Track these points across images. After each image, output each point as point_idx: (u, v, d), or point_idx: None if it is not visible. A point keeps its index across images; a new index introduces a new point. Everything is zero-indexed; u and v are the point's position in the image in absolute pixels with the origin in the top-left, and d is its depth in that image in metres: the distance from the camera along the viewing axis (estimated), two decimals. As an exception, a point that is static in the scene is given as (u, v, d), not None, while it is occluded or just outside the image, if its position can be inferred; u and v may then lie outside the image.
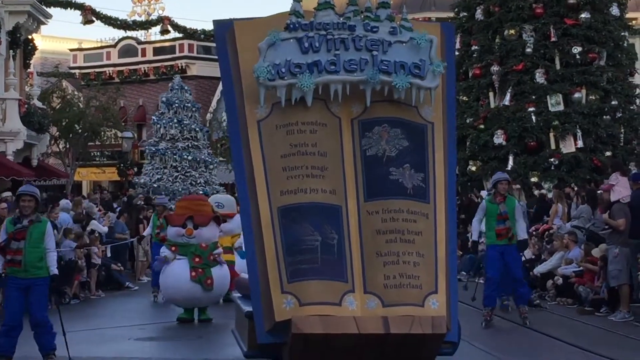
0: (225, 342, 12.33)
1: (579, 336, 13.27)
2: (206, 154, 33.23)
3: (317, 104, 9.43)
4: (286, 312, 8.48)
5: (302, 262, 8.67)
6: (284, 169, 9.15)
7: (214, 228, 15.09)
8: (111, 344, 13.07)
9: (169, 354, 12.18)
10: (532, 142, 27.81)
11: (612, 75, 28.55)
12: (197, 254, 14.75)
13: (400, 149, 9.41)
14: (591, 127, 27.89)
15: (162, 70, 49.74)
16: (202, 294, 14.81)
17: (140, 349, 12.62)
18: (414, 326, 8.40)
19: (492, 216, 14.74)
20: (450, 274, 8.99)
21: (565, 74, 28.10)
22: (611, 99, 28.43)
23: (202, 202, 15.65)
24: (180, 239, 14.81)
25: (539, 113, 27.94)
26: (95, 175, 49.01)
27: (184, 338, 13.55)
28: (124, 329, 14.36)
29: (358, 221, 9.03)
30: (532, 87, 28.18)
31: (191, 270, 14.72)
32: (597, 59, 28.34)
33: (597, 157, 27.76)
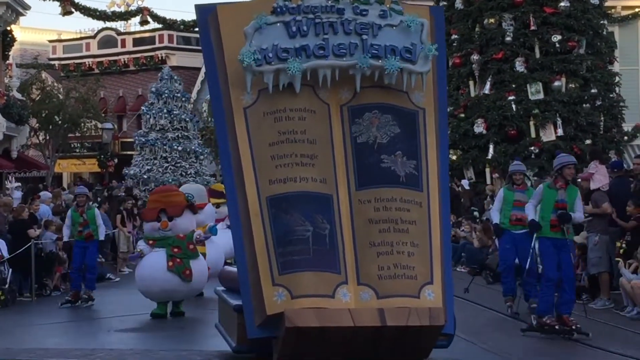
0: (207, 334, 12.09)
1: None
2: (196, 145, 32.75)
3: (305, 90, 9.03)
4: (278, 306, 8.11)
5: (294, 254, 8.30)
6: (273, 157, 8.77)
7: (189, 217, 14.44)
8: (92, 336, 12.80)
9: (150, 345, 11.85)
10: (512, 131, 27.52)
11: (592, 64, 28.14)
12: (176, 245, 14.07)
13: (391, 135, 9.04)
14: (571, 116, 27.55)
15: (142, 61, 49.30)
16: (179, 286, 14.02)
17: (121, 341, 12.41)
18: (411, 318, 8.07)
19: (548, 203, 12.44)
20: (445, 264, 8.64)
21: (545, 62, 27.74)
22: (591, 87, 28.05)
23: (173, 192, 14.90)
24: (157, 233, 14.15)
25: (519, 102, 27.57)
26: (76, 166, 48.49)
27: (165, 330, 13.25)
28: (104, 321, 14.13)
29: (350, 210, 8.67)
30: (512, 75, 27.84)
31: (168, 260, 13.96)
32: (577, 47, 27.98)
33: (577, 145, 27.36)
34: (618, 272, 14.55)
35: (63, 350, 11.25)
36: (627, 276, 14.01)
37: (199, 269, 14.34)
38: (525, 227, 13.36)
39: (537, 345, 11.52)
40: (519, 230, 13.78)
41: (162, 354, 10.76)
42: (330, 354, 8.30)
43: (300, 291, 8.13)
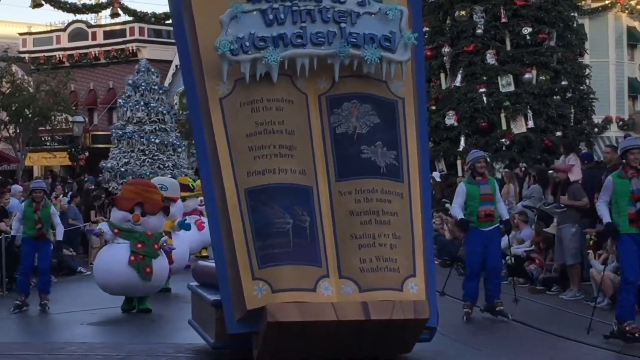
0: (179, 327, 11.90)
1: (531, 315, 12.99)
2: (174, 137, 32.13)
3: (283, 79, 8.77)
4: (258, 300, 7.87)
5: (273, 247, 8.05)
6: (250, 148, 8.50)
7: (161, 218, 14.06)
8: (63, 329, 12.60)
9: (122, 338, 11.68)
10: (483, 123, 27.44)
11: (562, 56, 28.07)
12: (141, 240, 13.66)
13: (371, 126, 8.80)
14: (542, 108, 27.45)
15: (113, 54, 48.71)
16: (138, 282, 13.58)
17: (92, 334, 12.26)
18: (395, 311, 7.85)
19: (622, 196, 10.74)
20: (427, 256, 8.43)
21: (515, 54, 27.64)
22: (561, 79, 28.00)
23: (153, 189, 14.41)
24: (126, 224, 13.70)
25: (490, 94, 27.48)
26: (46, 160, 47.92)
27: (137, 323, 13.02)
28: (76, 314, 13.74)
29: (330, 202, 8.43)
30: (483, 68, 27.73)
31: (131, 255, 13.52)
32: (547, 39, 27.91)
33: (548, 137, 27.35)
34: (588, 263, 14.53)
35: (34, 345, 11.09)
36: (597, 267, 13.97)
37: (160, 267, 13.93)
38: (493, 223, 12.56)
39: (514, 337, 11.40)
40: (488, 227, 12.57)
41: (133, 347, 10.62)
42: (312, 349, 8.09)
43: (281, 285, 7.90)
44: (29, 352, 10.36)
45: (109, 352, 10.37)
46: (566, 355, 10.01)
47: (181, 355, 9.95)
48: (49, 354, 10.31)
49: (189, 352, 10.01)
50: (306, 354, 8.13)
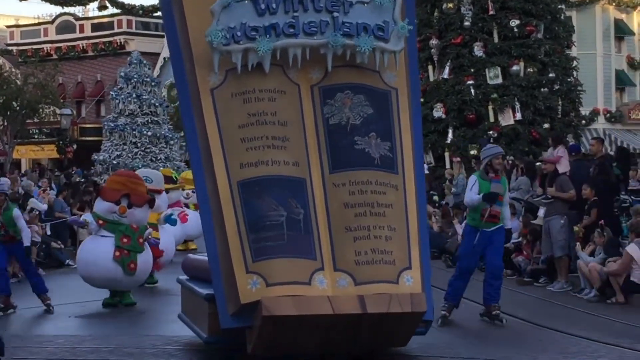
0: (167, 320, 11.76)
1: (519, 306, 12.85)
2: (166, 130, 31.91)
3: (275, 69, 8.57)
4: (252, 294, 7.67)
5: (267, 240, 7.85)
6: (243, 139, 8.30)
7: (146, 211, 13.63)
8: (52, 322, 12.38)
9: (110, 330, 11.50)
10: (471, 115, 27.38)
11: (550, 48, 28.04)
12: (127, 235, 13.28)
13: (364, 116, 8.61)
14: (529, 100, 27.43)
15: (101, 47, 48.36)
16: (122, 277, 13.21)
17: (81, 327, 12.06)
18: (392, 305, 7.68)
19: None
20: (423, 248, 8.28)
21: (503, 47, 27.59)
22: (549, 71, 27.98)
23: (139, 181, 14.02)
24: (111, 216, 13.29)
25: (477, 86, 27.42)
26: (34, 152, 47.62)
27: (125, 316, 12.82)
28: (64, 307, 13.47)
29: (324, 194, 8.24)
30: (470, 60, 27.66)
31: (116, 250, 13.13)
32: (535, 32, 27.88)
33: (536, 129, 27.34)
34: (575, 255, 14.45)
35: (23, 337, 10.93)
36: (584, 259, 13.90)
37: (144, 262, 13.59)
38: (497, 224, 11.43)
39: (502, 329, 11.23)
40: (491, 228, 11.44)
41: (122, 339, 10.49)
42: (307, 343, 7.93)
43: (276, 278, 7.71)
44: (17, 345, 10.20)
45: (98, 344, 10.25)
46: (553, 347, 9.89)
47: (169, 348, 9.85)
48: (37, 346, 10.19)
49: (177, 345, 9.87)
50: (301, 348, 7.97)
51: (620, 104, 41.82)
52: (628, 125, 41.32)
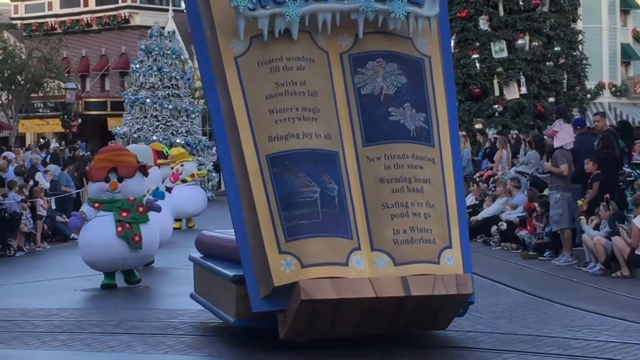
0: (174, 293, 11.55)
1: (524, 280, 12.71)
2: (187, 103, 30.90)
3: (302, 36, 7.87)
4: (287, 275, 7.03)
5: (301, 217, 7.18)
6: (271, 111, 7.61)
7: (140, 179, 12.51)
8: (57, 296, 12.02)
9: (115, 304, 11.18)
10: (476, 89, 26.90)
11: (555, 22, 27.41)
12: (125, 208, 12.26)
13: (398, 86, 7.90)
14: (535, 74, 26.86)
15: (105, 20, 47.42)
16: (129, 254, 12.23)
17: (85, 300, 11.85)
18: (437, 287, 7.07)
19: None
20: (462, 226, 7.62)
21: (508, 20, 26.99)
22: (554, 45, 27.39)
23: (124, 152, 13.10)
24: (104, 195, 12.25)
25: (482, 60, 26.86)
26: (39, 127, 46.88)
27: (130, 289, 12.43)
28: (69, 281, 13.21)
29: (358, 169, 7.56)
30: (475, 34, 27.09)
31: (117, 225, 12.13)
32: (540, 5, 27.24)
33: (541, 103, 26.82)
34: (580, 229, 14.24)
35: (28, 310, 10.63)
36: (589, 232, 13.68)
37: (150, 234, 12.55)
38: None
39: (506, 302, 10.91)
40: None
41: (127, 313, 10.21)
42: (344, 327, 7.33)
43: (311, 259, 7.05)
44: (22, 319, 9.98)
45: (103, 317, 9.98)
46: (558, 320, 9.58)
47: (174, 321, 9.54)
48: (43, 319, 9.92)
49: (182, 318, 9.60)
50: (337, 331, 7.39)
51: (626, 77, 41.25)
52: (633, 99, 40.75)
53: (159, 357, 8.11)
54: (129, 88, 32.26)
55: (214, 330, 9.05)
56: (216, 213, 21.94)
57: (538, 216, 15.95)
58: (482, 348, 7.94)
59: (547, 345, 8.03)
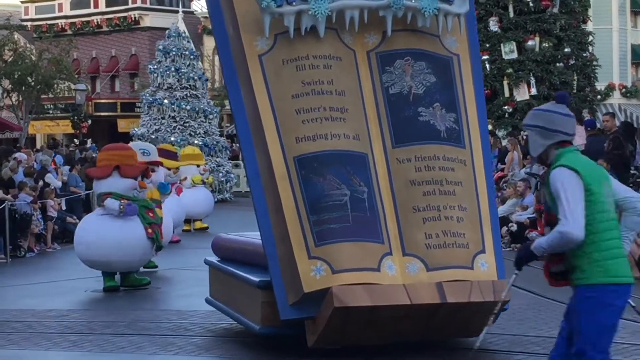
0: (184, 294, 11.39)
1: (533, 281, 12.21)
2: (205, 104, 30.27)
3: (329, 34, 7.52)
4: (317, 282, 6.69)
5: (331, 221, 6.84)
6: (298, 111, 7.27)
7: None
8: (67, 296, 11.87)
9: (125, 305, 10.98)
10: (486, 90, 26.30)
11: (566, 23, 27.10)
12: (149, 209, 12.22)
13: (427, 85, 7.56)
14: (545, 75, 26.58)
15: (115, 22, 47.28)
16: (151, 251, 12.31)
17: (95, 301, 11.72)
18: (473, 293, 6.77)
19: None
20: (494, 230, 7.31)
21: (518, 21, 26.70)
22: (564, 46, 27.09)
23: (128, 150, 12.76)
24: (132, 192, 12.08)
25: (492, 61, 26.56)
26: (49, 128, 46.68)
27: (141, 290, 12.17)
28: (79, 281, 12.97)
29: (387, 171, 7.24)
30: (485, 35, 26.78)
31: (147, 227, 12.05)
32: (551, 6, 26.95)
33: None
34: None
35: (38, 311, 10.50)
36: None
37: (166, 232, 12.91)
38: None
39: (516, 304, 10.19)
40: None
41: (137, 314, 10.12)
42: (376, 335, 7.00)
43: (343, 264, 6.71)
44: (33, 319, 9.89)
45: (113, 318, 9.88)
46: None
47: (185, 322, 9.36)
48: (53, 320, 9.83)
49: (193, 319, 9.46)
50: (367, 339, 7.06)
51: (636, 78, 41.00)
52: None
53: (169, 358, 7.94)
54: (146, 89, 31.80)
55: (224, 331, 8.89)
56: (227, 215, 21.63)
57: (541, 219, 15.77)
58: (492, 349, 7.74)
59: (558, 346, 7.84)
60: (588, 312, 4.72)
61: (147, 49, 46.27)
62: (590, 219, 4.67)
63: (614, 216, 4.80)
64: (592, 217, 4.67)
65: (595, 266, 4.70)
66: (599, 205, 4.71)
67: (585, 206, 4.66)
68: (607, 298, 4.70)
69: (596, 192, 4.71)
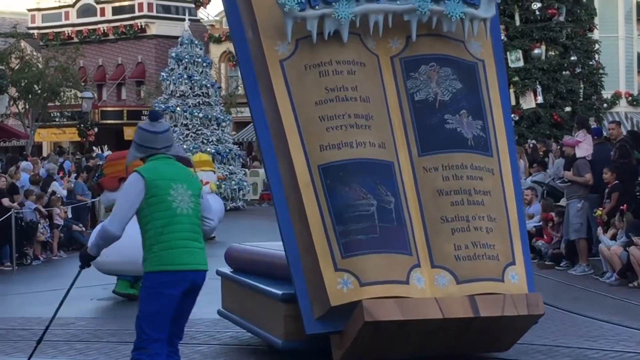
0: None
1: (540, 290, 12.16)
2: (218, 111, 29.82)
3: (352, 39, 7.23)
4: (344, 295, 6.40)
5: (358, 232, 6.54)
6: (322, 118, 6.98)
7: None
8: (73, 304, 11.44)
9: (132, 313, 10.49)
10: (492, 98, 26.22)
11: (572, 31, 27.04)
12: None
13: (453, 91, 7.28)
14: (551, 83, 26.45)
15: (122, 30, 46.84)
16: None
17: (103, 309, 11.77)
18: (507, 307, 6.48)
19: None
20: (523, 241, 7.03)
21: (525, 30, 26.60)
22: (570, 54, 26.97)
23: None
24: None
25: (499, 69, 26.29)
26: (56, 136, 46.34)
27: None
28: (86, 289, 12.62)
29: (414, 180, 6.95)
30: (492, 43, 26.46)
31: None
32: (557, 14, 26.86)
33: (557, 112, 26.40)
34: (597, 239, 13.80)
35: (44, 319, 10.06)
36: (605, 243, 13.25)
37: None
38: None
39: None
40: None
41: None
42: (404, 349, 6.71)
43: (370, 277, 6.42)
44: (39, 327, 9.66)
45: (120, 326, 9.84)
46: (575, 331, 9.21)
47: (191, 330, 9.06)
48: (59, 328, 9.74)
49: (199, 327, 9.35)
50: (397, 354, 6.78)
51: (643, 87, 40.82)
52: (650, 108, 40.25)
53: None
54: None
55: (230, 340, 8.73)
56: (236, 224, 21.29)
57: (554, 226, 15.53)
58: (499, 358, 7.52)
59: (564, 355, 7.70)
60: (145, 297, 5.62)
61: (153, 57, 45.99)
62: (150, 217, 5.42)
63: (178, 213, 5.47)
64: (151, 215, 5.41)
65: (154, 256, 5.47)
66: (160, 205, 5.42)
67: (146, 206, 5.42)
68: (159, 285, 5.50)
69: (160, 194, 5.41)
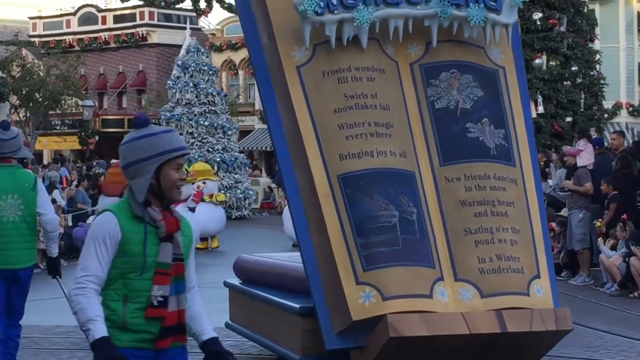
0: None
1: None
2: (224, 120, 29.50)
3: (371, 44, 6.99)
4: (366, 309, 6.13)
5: (379, 244, 6.29)
6: (341, 126, 6.73)
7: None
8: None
9: None
10: (494, 108, 26.11)
11: (573, 41, 26.93)
12: None
13: (475, 99, 7.03)
14: (552, 93, 26.32)
15: (123, 38, 46.77)
16: None
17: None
18: (535, 322, 6.23)
19: None
20: (547, 253, 6.81)
21: (526, 40, 26.28)
22: (571, 64, 26.83)
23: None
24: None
25: (500, 79, 26.16)
26: (57, 144, 46.20)
27: None
28: None
29: (436, 190, 6.71)
30: (492, 53, 26.34)
31: None
32: (558, 25, 26.73)
33: (558, 122, 26.26)
34: (597, 249, 13.82)
35: (45, 327, 10.32)
36: (606, 253, 13.25)
37: None
38: None
39: None
40: None
41: None
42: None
43: (393, 291, 6.17)
44: (40, 336, 9.80)
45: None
46: (575, 341, 9.00)
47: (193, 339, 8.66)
48: (60, 337, 9.79)
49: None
50: None
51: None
52: (650, 119, 40.15)
53: (178, 374, 7.54)
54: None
55: (231, 349, 8.35)
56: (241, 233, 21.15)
57: (555, 236, 15.41)
58: None
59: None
60: None
61: (154, 66, 45.90)
62: None
63: (5, 221, 6.98)
64: None
65: None
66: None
67: None
68: None
69: None
